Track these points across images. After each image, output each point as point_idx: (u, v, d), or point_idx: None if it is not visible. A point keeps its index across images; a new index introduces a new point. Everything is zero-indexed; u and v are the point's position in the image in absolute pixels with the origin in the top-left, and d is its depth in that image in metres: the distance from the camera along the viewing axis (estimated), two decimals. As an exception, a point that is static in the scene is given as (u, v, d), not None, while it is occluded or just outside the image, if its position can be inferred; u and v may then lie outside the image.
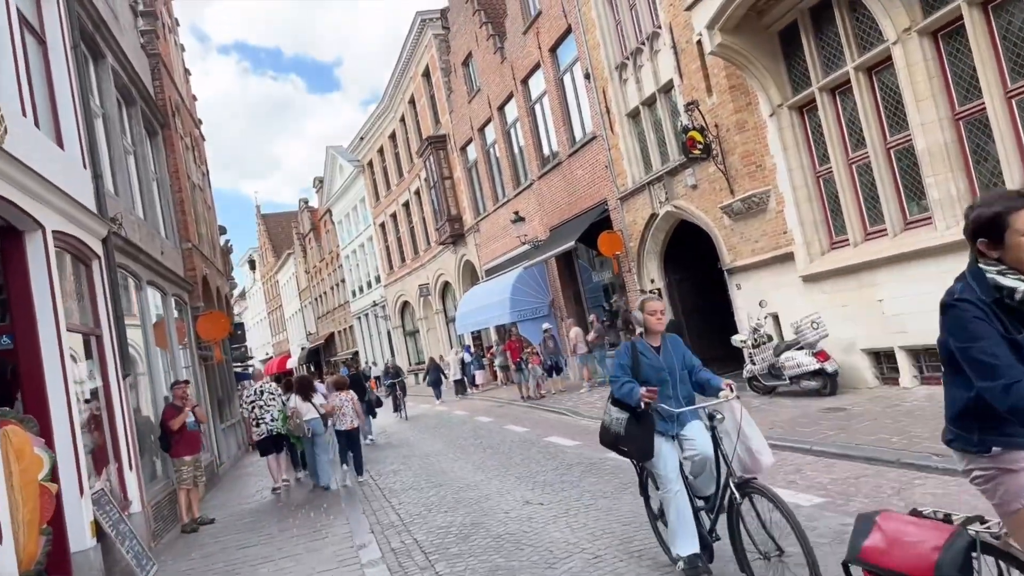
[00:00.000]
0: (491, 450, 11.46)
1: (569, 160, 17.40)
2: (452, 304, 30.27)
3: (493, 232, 22.98)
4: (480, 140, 22.78)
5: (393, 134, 32.70)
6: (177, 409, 8.83)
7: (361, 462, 10.82)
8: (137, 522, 7.98)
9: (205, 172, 18.54)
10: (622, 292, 17.39)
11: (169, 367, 11.63)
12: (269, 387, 11.41)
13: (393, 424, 18.29)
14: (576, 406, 14.58)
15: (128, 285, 9.74)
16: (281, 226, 65.24)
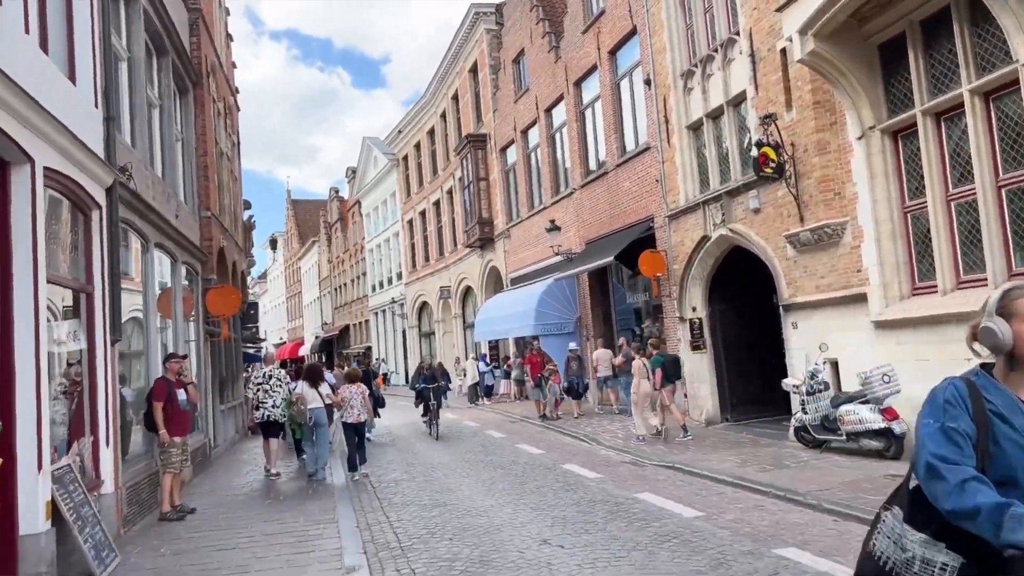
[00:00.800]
0: (502, 470, 10.45)
1: (616, 171, 16.43)
2: (472, 310, 29.34)
3: (524, 240, 22.03)
4: (522, 142, 21.89)
5: (432, 130, 31.96)
6: (168, 385, 7.94)
7: (363, 455, 10.75)
8: (107, 505, 7.07)
9: (235, 143, 17.82)
10: (655, 317, 16.33)
11: (171, 338, 10.78)
12: (278, 372, 11.31)
13: (412, 436, 17.28)
14: (595, 432, 13.53)
15: (132, 244, 8.90)
16: (309, 213, 64.95)
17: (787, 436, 11.02)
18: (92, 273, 7.17)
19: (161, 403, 7.80)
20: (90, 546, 5.95)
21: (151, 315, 9.13)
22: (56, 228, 6.53)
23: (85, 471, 6.84)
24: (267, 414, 10.70)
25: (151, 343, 9.12)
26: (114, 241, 7.45)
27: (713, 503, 7.67)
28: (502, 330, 21.27)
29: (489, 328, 22.24)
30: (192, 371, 10.86)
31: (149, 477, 8.27)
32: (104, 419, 7.11)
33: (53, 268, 6.33)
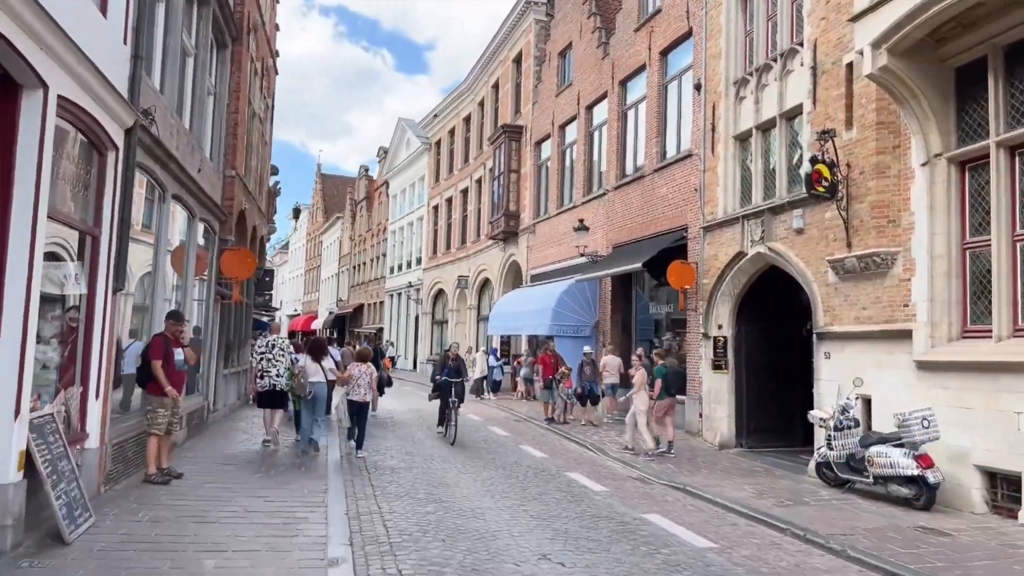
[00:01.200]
0: (503, 471, 10.01)
1: (653, 176, 15.90)
2: (488, 302, 28.93)
3: (549, 237, 21.55)
4: (558, 137, 21.40)
5: (468, 117, 31.55)
6: (166, 342, 7.57)
7: (363, 436, 10.74)
8: (89, 460, 6.72)
9: (270, 106, 17.50)
10: (677, 331, 15.79)
11: (183, 296, 10.43)
12: (281, 342, 11.17)
13: (414, 423, 16.93)
14: (602, 442, 13.04)
15: (148, 191, 8.53)
16: (337, 188, 64.96)
17: (806, 470, 10.49)
18: (101, 216, 6.81)
19: (159, 360, 7.43)
20: (62, 503, 5.58)
21: (160, 269, 8.77)
22: (66, 164, 6.16)
23: (70, 423, 6.49)
24: (272, 383, 10.64)
25: (157, 297, 8.76)
26: (128, 186, 7.08)
27: (726, 535, 7.18)
28: (516, 326, 20.83)
29: (504, 323, 21.81)
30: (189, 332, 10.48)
31: (139, 435, 7.91)
32: (96, 370, 6.75)
33: (58, 205, 5.97)
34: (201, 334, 12.05)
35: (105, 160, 6.84)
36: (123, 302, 8.72)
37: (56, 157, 5.81)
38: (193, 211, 10.35)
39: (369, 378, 10.67)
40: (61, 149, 5.99)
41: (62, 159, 6.02)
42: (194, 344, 11.15)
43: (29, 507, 5.40)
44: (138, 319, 8.81)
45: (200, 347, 11.91)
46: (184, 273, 10.37)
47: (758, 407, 13.07)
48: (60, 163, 5.96)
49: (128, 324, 8.78)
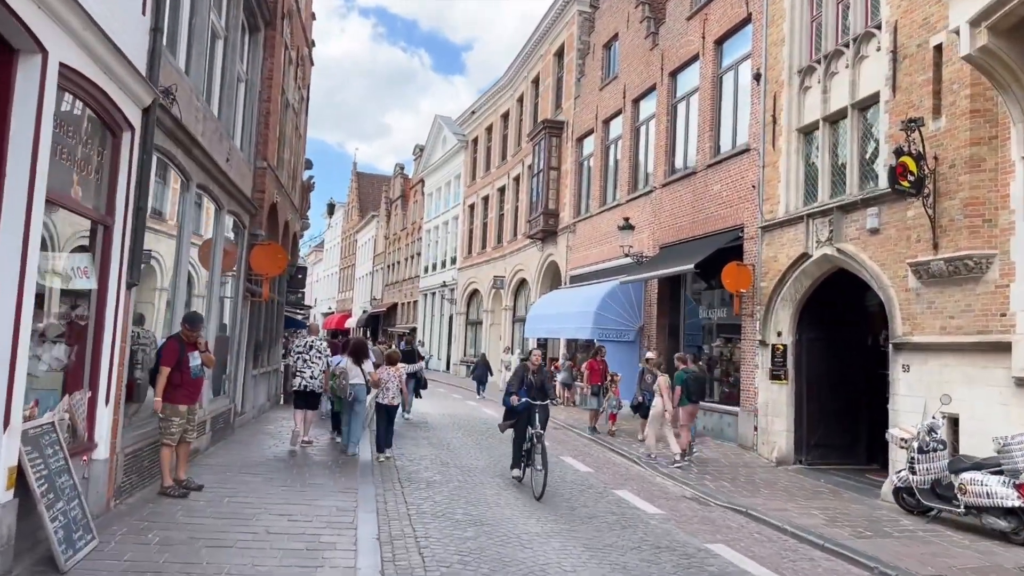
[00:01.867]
0: (548, 488, 9.20)
1: (706, 172, 14.97)
2: (524, 304, 28.18)
3: (590, 237, 20.70)
4: (602, 133, 20.54)
5: (507, 113, 30.84)
6: (180, 346, 6.94)
7: (391, 439, 10.58)
8: (98, 473, 6.11)
9: (304, 97, 16.97)
10: (728, 337, 14.85)
11: (206, 292, 9.86)
12: (319, 344, 11.07)
13: (448, 428, 16.26)
14: (648, 452, 12.17)
15: (170, 181, 7.94)
16: (373, 187, 64.89)
17: (877, 494, 9.54)
18: (114, 203, 6.20)
19: (169, 367, 6.80)
20: (59, 525, 4.94)
21: (182, 263, 8.18)
22: (73, 143, 5.54)
23: (76, 432, 5.88)
24: (304, 384, 10.57)
25: (178, 294, 8.16)
26: (145, 170, 6.47)
27: (805, 572, 6.30)
28: (555, 328, 20.02)
29: (541, 325, 21.02)
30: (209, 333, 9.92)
31: (155, 443, 7.29)
32: (107, 373, 6.14)
33: (63, 188, 5.35)
34: (228, 332, 11.50)
35: (119, 142, 6.24)
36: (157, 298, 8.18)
37: (60, 135, 5.19)
38: (221, 203, 9.77)
39: (398, 380, 10.60)
40: (66, 126, 5.37)
41: (67, 137, 5.41)
42: (220, 344, 10.62)
43: (21, 529, 4.78)
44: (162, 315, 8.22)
45: (227, 346, 11.36)
46: (211, 268, 9.80)
47: (820, 421, 12.10)
48: (65, 142, 5.35)
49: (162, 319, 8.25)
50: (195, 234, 9.13)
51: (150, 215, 7.38)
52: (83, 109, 5.66)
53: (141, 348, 10.15)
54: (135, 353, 7.25)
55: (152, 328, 8.04)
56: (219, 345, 10.89)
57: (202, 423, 9.36)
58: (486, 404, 20.99)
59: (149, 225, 6.98)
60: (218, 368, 10.67)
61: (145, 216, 6.53)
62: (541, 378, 9.37)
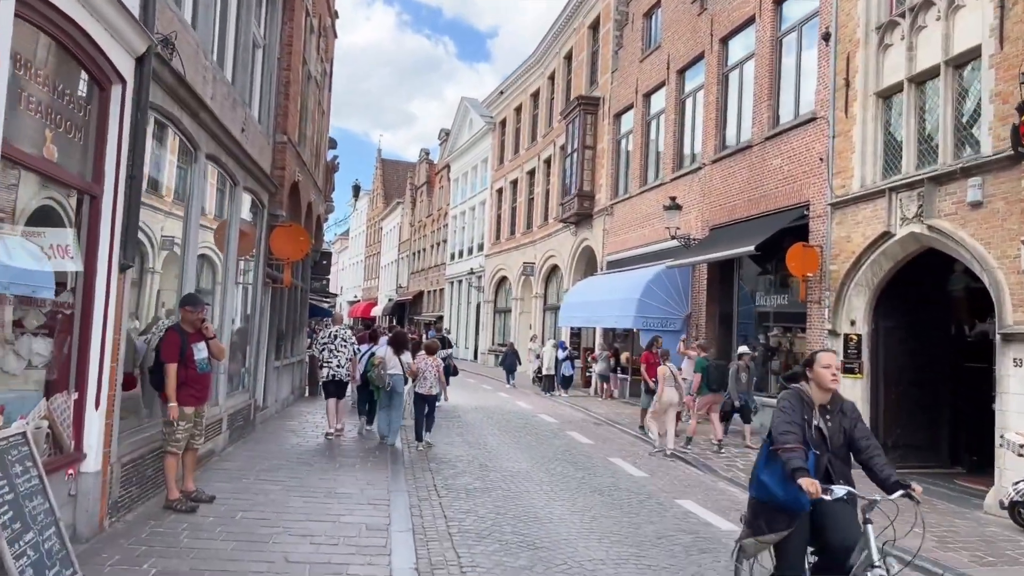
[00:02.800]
0: (601, 497, 8.15)
1: (763, 145, 13.69)
2: (555, 291, 27.08)
3: (630, 219, 19.49)
4: (643, 107, 19.26)
5: (537, 92, 29.61)
6: (182, 338, 5.93)
7: (431, 424, 10.77)
8: (87, 488, 5.15)
9: (327, 71, 15.94)
10: (788, 326, 13.62)
11: (220, 277, 8.89)
12: (344, 333, 11.02)
13: (481, 423, 15.27)
14: (705, 455, 11.05)
15: (169, 141, 6.91)
16: (397, 174, 64.15)
17: (976, 503, 8.41)
18: (103, 170, 5.20)
19: (174, 363, 5.82)
20: (27, 563, 3.97)
21: (191, 244, 7.18)
22: (46, 93, 4.53)
23: (59, 443, 4.92)
24: (332, 373, 10.57)
25: (187, 279, 7.17)
26: (139, 132, 5.45)
27: (937, 616, 5.16)
28: (592, 317, 18.87)
29: (577, 313, 19.89)
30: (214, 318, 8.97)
31: (159, 450, 6.32)
32: (96, 370, 5.17)
33: (31, 145, 4.35)
34: (247, 322, 10.56)
35: (107, 95, 5.23)
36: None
37: (26, 80, 4.18)
38: (235, 177, 8.78)
39: (436, 370, 10.62)
40: (34, 70, 4.36)
41: (37, 84, 4.40)
42: (240, 336, 9.68)
43: (-21, 569, 3.80)
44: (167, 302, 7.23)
45: (246, 337, 10.42)
46: (226, 251, 8.82)
47: (899, 419, 10.89)
48: (33, 90, 4.34)
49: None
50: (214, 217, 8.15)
51: (150, 188, 6.39)
52: (60, 52, 4.64)
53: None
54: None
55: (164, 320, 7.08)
56: (239, 337, 9.96)
57: (217, 422, 8.43)
58: (517, 395, 19.97)
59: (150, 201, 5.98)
60: (236, 360, 9.74)
61: (140, 186, 5.53)
62: (849, 421, 4.03)
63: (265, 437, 10.24)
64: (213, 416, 8.28)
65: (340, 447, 10.03)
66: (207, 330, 6.13)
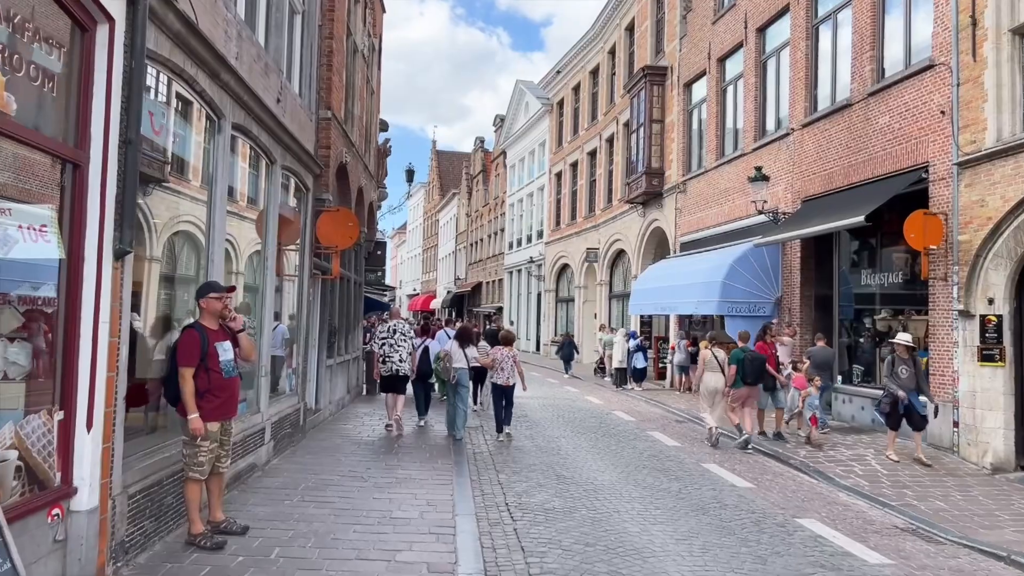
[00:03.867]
0: (705, 516, 6.82)
1: (866, 102, 11.98)
2: (622, 277, 25.62)
3: (705, 195, 17.89)
4: (717, 73, 17.59)
5: (596, 69, 28.08)
6: (202, 336, 4.86)
7: (510, 415, 10.75)
8: (80, 530, 4.13)
9: (376, 47, 14.88)
10: (900, 309, 11.93)
11: (259, 270, 7.89)
12: (402, 327, 10.77)
13: (554, 423, 14.11)
14: (814, 458, 9.55)
15: (183, 105, 5.87)
16: (453, 165, 63.46)
17: None
18: (88, 133, 4.16)
19: (192, 367, 4.76)
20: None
21: (216, 229, 6.14)
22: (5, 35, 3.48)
23: (37, 476, 3.90)
24: (396, 368, 10.41)
25: (213, 270, 6.13)
26: (135, 85, 4.39)
27: None
28: (667, 304, 17.37)
29: (650, 300, 18.40)
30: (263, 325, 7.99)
31: (179, 475, 5.28)
32: (87, 382, 4.13)
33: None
34: (294, 319, 9.59)
35: (91, 39, 4.18)
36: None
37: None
38: (271, 154, 7.74)
39: (513, 360, 10.56)
40: None
41: None
42: (281, 334, 8.69)
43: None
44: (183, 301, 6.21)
45: (293, 334, 9.44)
46: (264, 239, 7.81)
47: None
48: None
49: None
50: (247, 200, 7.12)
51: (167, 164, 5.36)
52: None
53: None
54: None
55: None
56: (286, 336, 8.98)
57: (259, 432, 7.44)
58: (587, 389, 18.69)
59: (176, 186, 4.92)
60: (278, 360, 8.76)
61: (137, 153, 4.46)
62: None
63: (315, 446, 9.24)
64: (254, 425, 7.29)
65: (397, 452, 8.97)
66: (235, 322, 5.04)
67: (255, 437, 7.28)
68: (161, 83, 5.29)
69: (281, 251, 9.07)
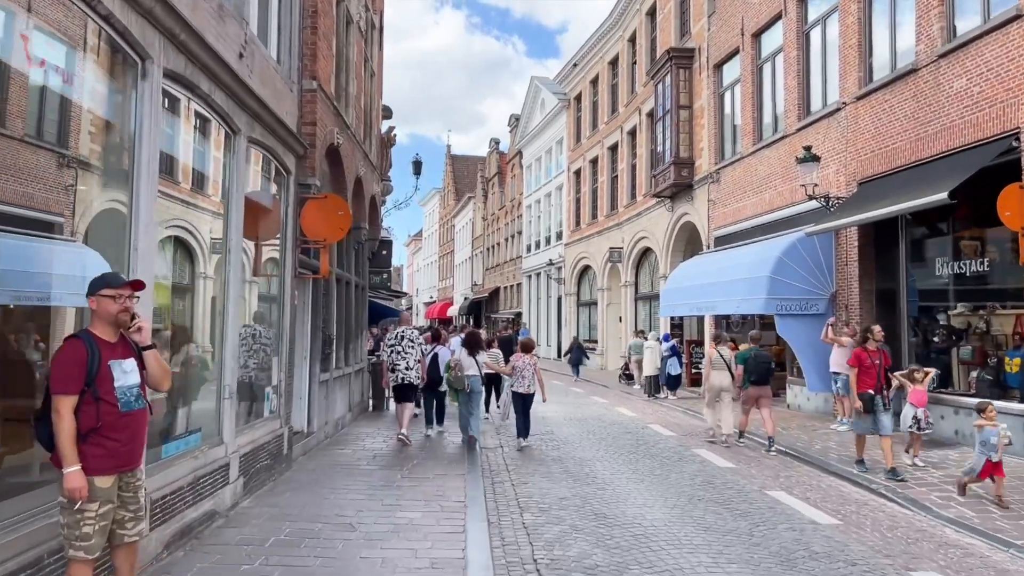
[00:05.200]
0: (792, 569, 5.22)
1: (936, 66, 10.35)
2: (648, 277, 24.01)
3: (742, 184, 16.27)
4: (751, 50, 15.99)
5: (615, 59, 26.55)
6: (90, 349, 3.34)
7: (528, 426, 10.37)
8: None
9: (375, 24, 13.42)
10: (980, 305, 10.26)
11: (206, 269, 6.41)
12: (410, 333, 10.42)
13: (586, 444, 12.59)
14: (909, 486, 7.88)
15: (85, 39, 4.38)
16: (467, 169, 62.20)
17: None
18: None
19: (71, 396, 3.26)
20: None
21: (142, 208, 4.64)
22: None
23: None
24: (402, 377, 10.06)
25: (136, 265, 4.62)
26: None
27: None
28: (704, 304, 15.70)
29: (682, 300, 16.75)
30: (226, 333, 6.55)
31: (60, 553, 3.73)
32: None
33: None
34: (267, 324, 8.10)
35: None
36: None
37: None
38: (231, 121, 6.26)
39: (534, 368, 10.30)
40: None
41: None
42: (257, 340, 7.22)
43: None
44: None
45: (272, 344, 7.95)
46: (226, 226, 6.33)
47: None
48: None
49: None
50: (192, 174, 5.65)
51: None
52: None
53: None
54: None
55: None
56: (260, 341, 7.50)
57: (219, 470, 5.95)
58: (616, 399, 17.10)
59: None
60: (258, 376, 7.29)
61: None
62: None
63: (301, 478, 7.73)
64: (213, 462, 5.81)
65: (399, 485, 7.46)
66: (140, 333, 3.53)
67: (214, 477, 5.80)
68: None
69: (258, 247, 7.63)
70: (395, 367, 10.02)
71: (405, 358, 10.01)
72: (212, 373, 6.08)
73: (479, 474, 7.99)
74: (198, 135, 5.95)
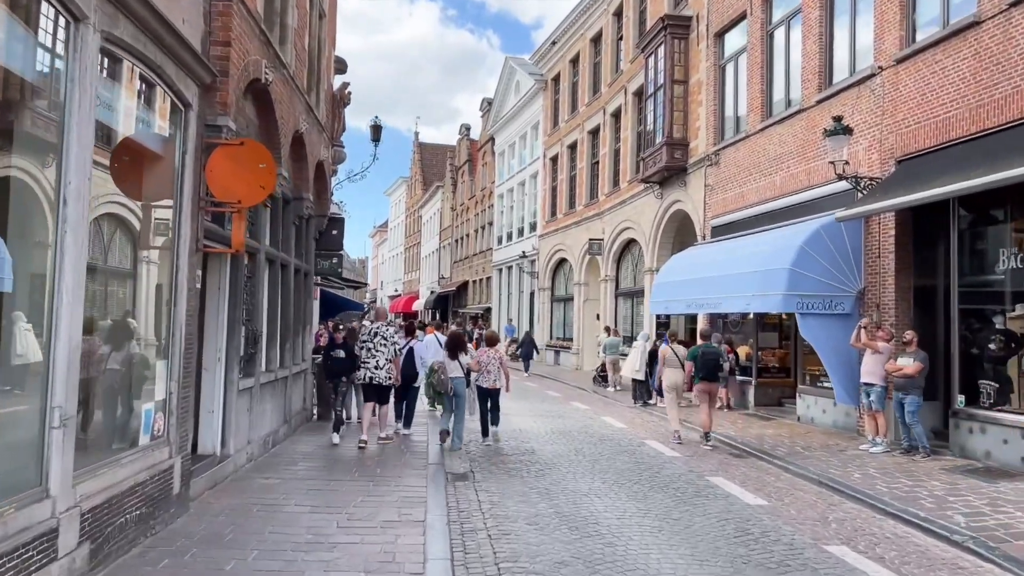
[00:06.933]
0: None
1: (1000, 20, 8.56)
2: (631, 271, 22.15)
3: (747, 166, 14.43)
4: (761, 14, 14.13)
5: (598, 35, 24.60)
6: None
7: (496, 417, 10.34)
8: None
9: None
10: None
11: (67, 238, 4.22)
12: (384, 331, 9.74)
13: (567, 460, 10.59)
14: (913, 493, 6.04)
15: None
16: (436, 157, 59.89)
17: None
18: None
19: None
20: None
21: None
22: None
23: None
24: (369, 376, 9.52)
25: None
26: None
27: None
28: (703, 300, 13.72)
29: (675, 296, 14.81)
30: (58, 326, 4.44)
31: None
32: None
33: None
34: (170, 316, 5.90)
35: None
36: None
37: None
38: (76, 10, 4.09)
39: (500, 363, 10.26)
40: None
41: None
42: (116, 334, 5.07)
43: None
44: None
45: (130, 348, 5.76)
46: (63, 165, 4.15)
47: None
48: None
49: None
50: None
51: None
52: None
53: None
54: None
55: None
56: (91, 352, 5.33)
57: (33, 542, 3.78)
58: (600, 406, 15.15)
59: None
60: (118, 385, 5.14)
61: None
62: None
63: (197, 530, 5.57)
64: (31, 525, 3.65)
65: (334, 541, 5.36)
66: None
67: (26, 553, 3.64)
68: None
69: (147, 209, 5.48)
70: (363, 364, 9.53)
71: (375, 356, 9.48)
72: (30, 389, 3.91)
73: (445, 523, 5.92)
74: (12, 20, 3.75)
